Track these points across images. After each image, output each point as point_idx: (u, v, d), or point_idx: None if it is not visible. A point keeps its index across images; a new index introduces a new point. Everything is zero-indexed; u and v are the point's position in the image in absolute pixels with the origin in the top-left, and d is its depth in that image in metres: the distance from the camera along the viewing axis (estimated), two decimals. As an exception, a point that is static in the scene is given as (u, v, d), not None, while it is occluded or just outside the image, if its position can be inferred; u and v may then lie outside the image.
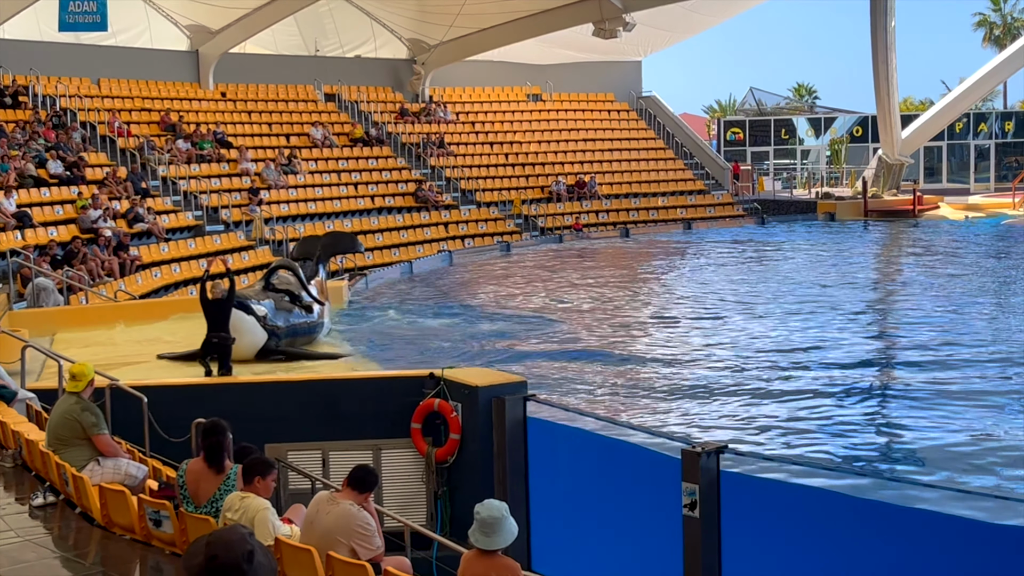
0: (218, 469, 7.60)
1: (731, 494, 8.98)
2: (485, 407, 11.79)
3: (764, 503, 9.49)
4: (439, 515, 12.24)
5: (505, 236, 38.54)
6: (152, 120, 35.80)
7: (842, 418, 14.44)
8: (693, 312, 23.61)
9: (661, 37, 48.81)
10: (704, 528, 9.04)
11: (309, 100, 41.71)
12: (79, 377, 9.09)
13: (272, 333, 16.71)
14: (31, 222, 24.92)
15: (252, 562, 3.35)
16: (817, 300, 24.38)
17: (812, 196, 48.94)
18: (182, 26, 39.07)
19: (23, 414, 11.37)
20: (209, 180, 33.29)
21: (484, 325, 22.23)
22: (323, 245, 21.20)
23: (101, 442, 8.88)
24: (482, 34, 43.14)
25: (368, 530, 7.36)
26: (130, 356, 16.68)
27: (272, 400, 12.91)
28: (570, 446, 11.40)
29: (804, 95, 70.92)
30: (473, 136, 44.52)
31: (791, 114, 60.10)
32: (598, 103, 49.15)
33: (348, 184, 37.38)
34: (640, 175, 45.63)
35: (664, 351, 19.27)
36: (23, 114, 31.98)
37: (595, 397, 15.71)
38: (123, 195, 28.91)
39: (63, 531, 8.23)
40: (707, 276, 29.73)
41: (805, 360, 18.02)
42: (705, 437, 11.79)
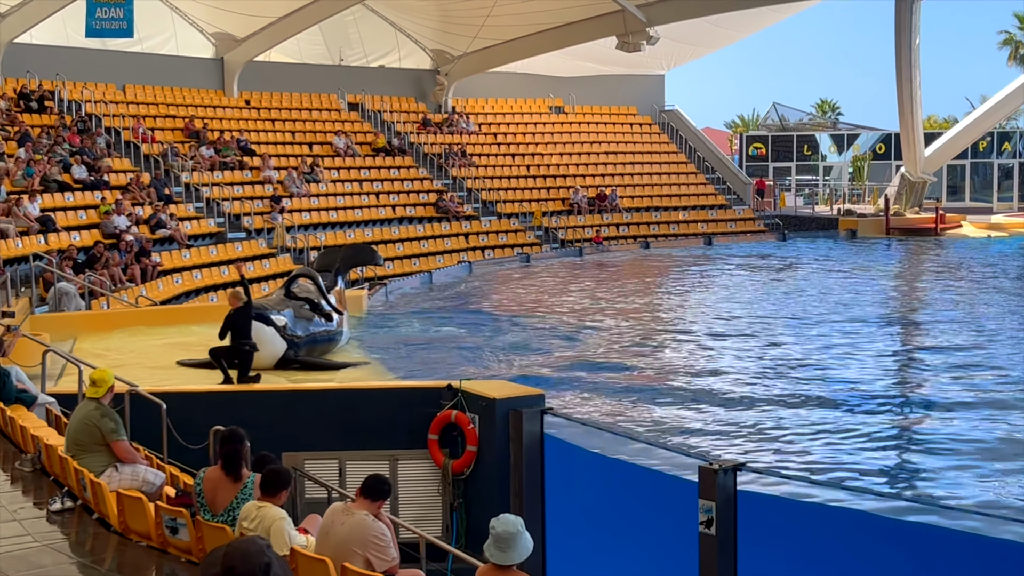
0: (235, 477, 7.62)
1: (748, 512, 8.94)
2: (502, 420, 11.78)
3: (781, 521, 9.44)
4: (455, 527, 12.23)
5: (525, 248, 38.57)
6: (176, 127, 36.00)
7: (862, 437, 14.36)
8: (713, 327, 23.54)
9: (684, 51, 48.81)
10: (720, 546, 9.00)
11: (332, 109, 41.88)
12: (99, 383, 9.13)
13: (291, 343, 16.78)
14: (54, 226, 25.07)
15: (269, 574, 3.37)
16: (839, 317, 24.28)
17: (834, 213, 48.77)
18: (208, 34, 39.30)
19: (43, 418, 11.43)
20: (232, 187, 33.44)
21: (502, 337, 22.23)
22: (343, 257, 21.30)
23: (119, 448, 8.91)
24: (506, 46, 43.25)
25: (383, 541, 7.37)
26: (150, 361, 16.76)
27: (290, 408, 12.94)
28: (586, 461, 11.37)
29: (827, 111, 70.72)
30: (495, 147, 44.59)
31: (814, 130, 59.95)
32: (620, 116, 49.17)
33: (370, 193, 37.48)
34: (661, 189, 45.60)
35: (683, 366, 19.22)
36: (49, 119, 32.21)
37: (613, 411, 15.68)
38: (146, 201, 29.07)
39: (80, 537, 8.25)
40: (728, 291, 29.66)
41: (825, 377, 17.94)
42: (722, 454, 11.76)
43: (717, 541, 8.99)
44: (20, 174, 26.55)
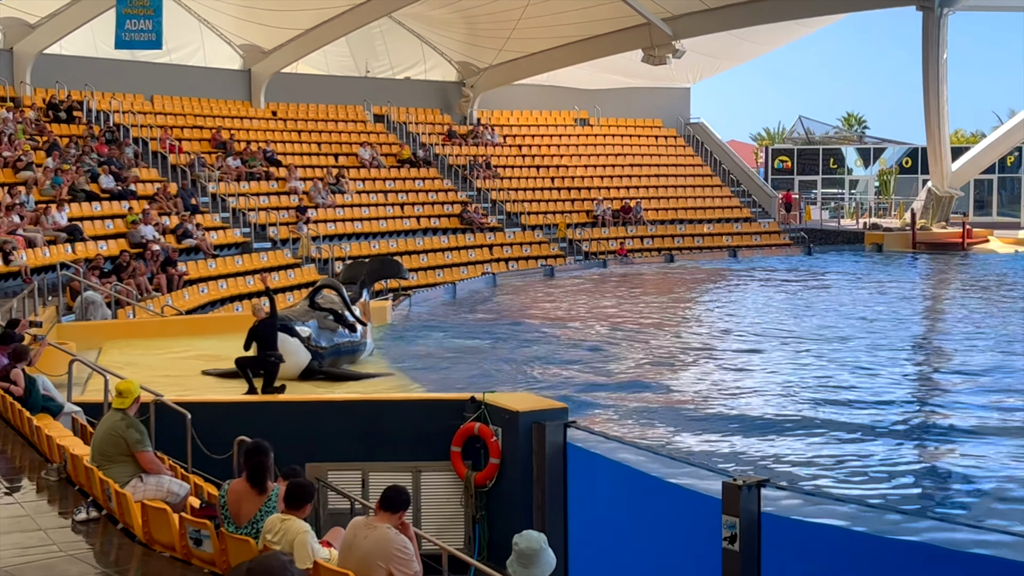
0: (260, 490, 7.64)
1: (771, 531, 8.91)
2: (525, 432, 11.80)
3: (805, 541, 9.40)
4: (477, 539, 12.24)
5: (549, 260, 38.58)
6: (203, 137, 36.21)
7: (887, 455, 14.27)
8: (737, 342, 23.46)
9: (710, 64, 48.79)
10: (744, 562, 8.98)
11: (358, 120, 42.04)
12: (125, 394, 9.18)
13: (316, 354, 16.83)
14: (82, 235, 25.24)
15: None
16: (864, 333, 24.15)
17: (860, 227, 48.55)
18: (235, 45, 39.55)
19: (69, 428, 11.51)
20: (258, 198, 33.60)
21: (526, 349, 22.22)
22: (369, 270, 21.38)
23: (145, 459, 8.96)
24: (531, 58, 43.36)
25: (406, 554, 7.37)
26: (175, 371, 16.84)
27: (314, 419, 12.99)
28: (609, 475, 11.35)
29: (854, 125, 70.43)
30: (520, 159, 44.65)
31: (840, 143, 59.75)
32: (646, 129, 49.17)
33: (394, 204, 37.58)
34: (686, 201, 45.55)
35: (708, 381, 19.17)
36: (77, 129, 32.47)
37: (636, 425, 15.65)
38: (173, 211, 29.24)
39: (105, 547, 8.29)
40: (753, 305, 29.57)
41: (850, 394, 17.85)
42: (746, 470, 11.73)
43: (740, 557, 8.96)
44: (48, 183, 26.76)
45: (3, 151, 27.83)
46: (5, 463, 10.59)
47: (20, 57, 33.64)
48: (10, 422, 11.68)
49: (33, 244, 23.62)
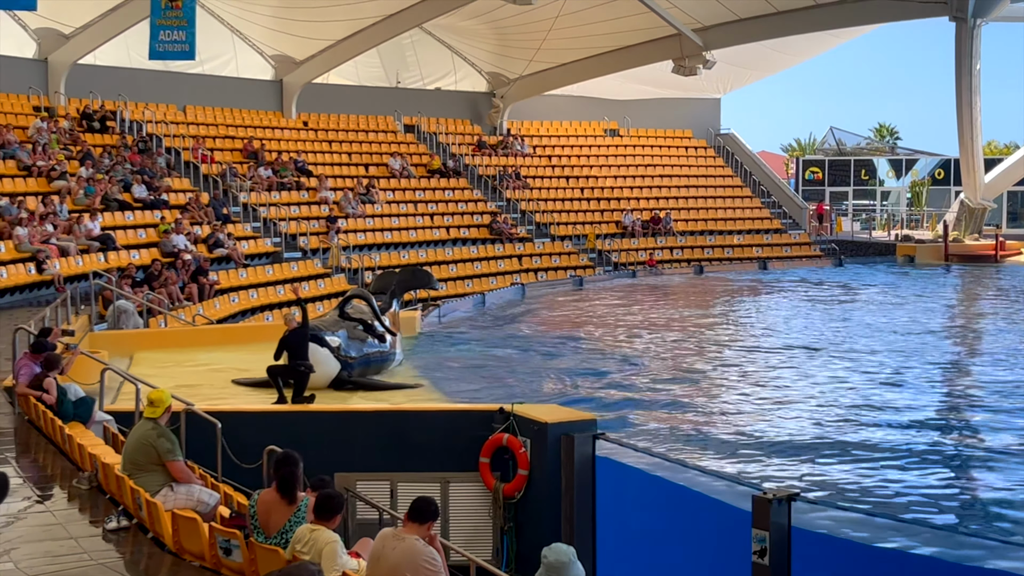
0: (290, 500, 7.66)
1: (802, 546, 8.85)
2: (554, 444, 11.77)
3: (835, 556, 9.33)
4: (505, 551, 12.22)
5: (578, 270, 38.54)
6: (235, 147, 36.42)
7: (919, 471, 14.16)
8: (767, 354, 23.36)
9: (741, 75, 48.66)
10: None
11: (389, 131, 42.17)
12: (157, 403, 9.22)
13: (345, 364, 16.88)
14: (114, 244, 25.42)
15: None
16: (897, 347, 23.98)
17: (891, 238, 48.29)
18: (267, 56, 39.78)
19: (100, 436, 11.57)
20: (288, 207, 33.75)
21: (554, 360, 22.21)
22: (399, 280, 21.41)
23: (175, 468, 8.99)
24: (561, 69, 43.38)
25: (435, 565, 7.36)
26: (205, 380, 16.91)
27: (343, 429, 13.02)
28: (638, 487, 11.31)
29: (885, 136, 70.05)
30: (549, 170, 44.66)
31: (872, 155, 59.42)
32: (676, 139, 49.08)
33: (424, 214, 37.66)
34: (716, 212, 45.42)
35: (737, 393, 19.09)
36: (110, 138, 32.74)
37: (665, 437, 15.60)
38: (204, 220, 29.41)
39: (135, 556, 8.33)
40: (783, 318, 29.43)
41: (883, 409, 17.72)
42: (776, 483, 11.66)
43: (770, 571, 8.90)
44: (81, 193, 26.98)
45: (37, 160, 28.10)
46: (37, 471, 10.66)
47: (55, 67, 33.96)
48: (42, 430, 11.77)
49: (66, 253, 23.83)
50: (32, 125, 30.52)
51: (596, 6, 38.20)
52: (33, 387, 12.18)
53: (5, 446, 11.39)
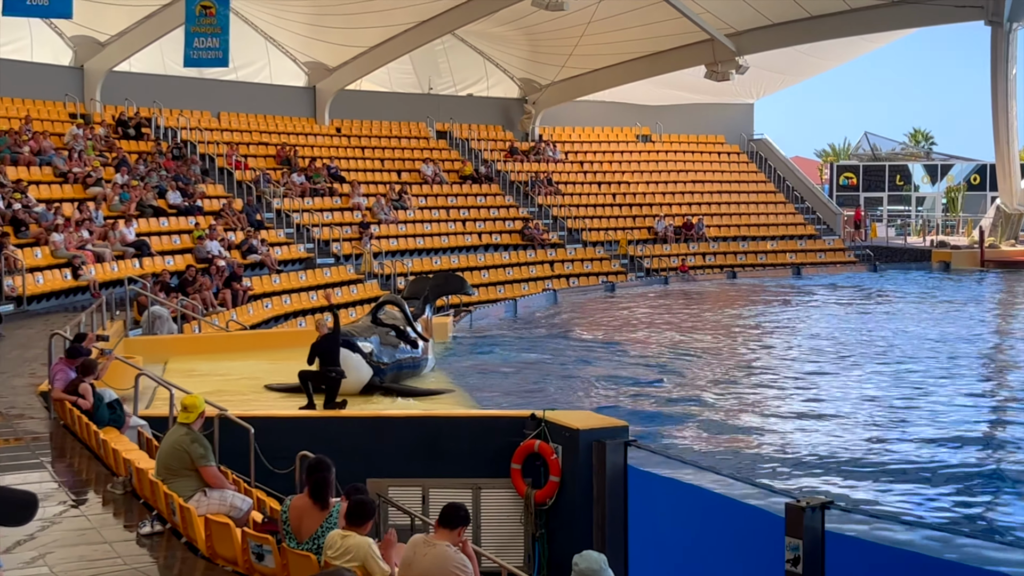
0: (322, 505, 7.68)
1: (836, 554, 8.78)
2: (586, 450, 11.75)
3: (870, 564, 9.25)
4: (536, 558, 12.21)
5: (610, 276, 38.48)
6: (269, 154, 36.63)
7: (955, 479, 14.04)
8: (802, 362, 23.22)
9: (774, 80, 48.46)
10: (807, 585, 8.85)
11: (421, 137, 42.29)
12: (190, 409, 9.28)
13: (378, 369, 16.93)
14: (149, 251, 25.61)
15: None
16: (933, 354, 23.77)
17: (927, 244, 47.92)
18: (301, 63, 39.99)
19: (134, 441, 11.65)
20: (321, 214, 33.91)
21: (587, 366, 22.17)
22: (433, 285, 21.46)
23: (208, 473, 9.04)
24: (593, 75, 43.37)
25: (465, 571, 7.37)
26: (238, 385, 17.00)
27: (375, 435, 13.05)
28: (670, 494, 11.27)
29: (920, 141, 69.55)
30: (581, 176, 44.63)
31: (906, 160, 59.02)
32: (708, 145, 48.92)
33: (456, 220, 37.73)
34: (749, 218, 45.22)
35: (771, 400, 18.99)
36: (145, 145, 33.00)
37: (697, 444, 15.54)
38: (238, 226, 29.58)
39: (168, 560, 8.38)
40: (818, 323, 29.24)
41: (917, 417, 17.58)
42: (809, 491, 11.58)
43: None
44: (117, 199, 27.20)
45: (73, 167, 28.36)
46: (72, 476, 10.75)
47: (90, 74, 34.28)
48: (77, 435, 11.86)
49: (101, 259, 24.02)
50: (68, 132, 30.82)
51: (628, 11, 38.16)
52: (69, 392, 12.29)
53: (41, 450, 11.49)
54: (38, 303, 21.95)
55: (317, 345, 15.70)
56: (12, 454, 11.26)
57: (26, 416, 13.00)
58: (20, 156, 27.56)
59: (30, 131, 29.31)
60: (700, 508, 10.81)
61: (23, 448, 11.55)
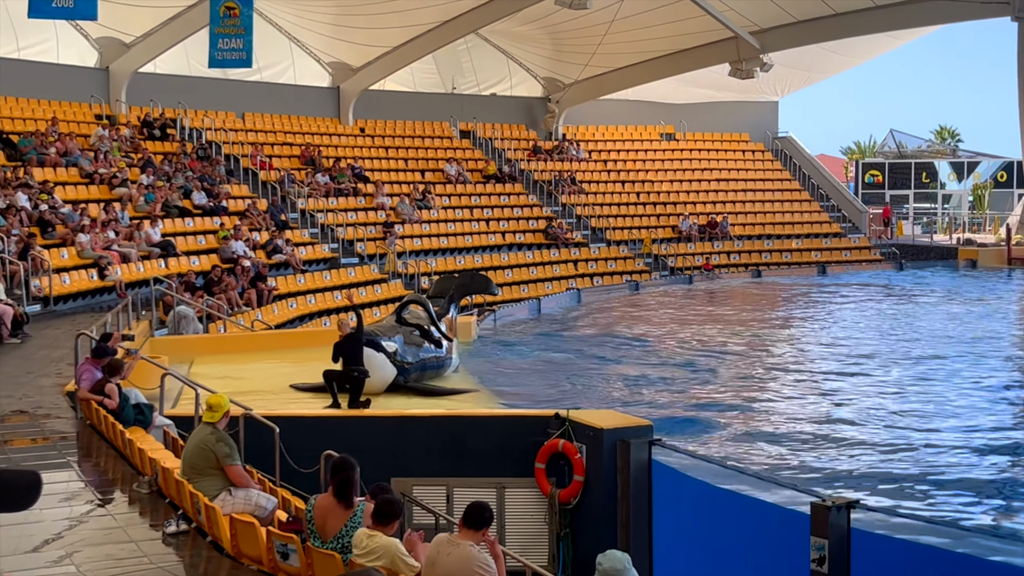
0: (347, 505, 7.69)
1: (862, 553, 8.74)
2: (610, 450, 11.73)
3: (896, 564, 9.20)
4: (561, 557, 12.19)
5: (634, 275, 38.40)
6: (293, 154, 36.75)
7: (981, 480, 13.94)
8: (828, 361, 23.11)
9: (799, 77, 48.25)
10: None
11: (444, 136, 42.34)
12: (215, 408, 9.31)
13: (402, 369, 16.96)
14: (175, 251, 25.74)
15: None
16: (961, 353, 23.61)
17: (953, 242, 47.61)
18: (324, 63, 40.10)
19: (160, 441, 11.71)
20: (345, 213, 33.99)
21: (611, 366, 22.13)
22: (458, 285, 21.47)
23: (233, 473, 9.07)
24: (617, 73, 43.30)
25: (489, 571, 7.36)
26: (264, 385, 17.05)
27: (399, 434, 13.06)
28: (695, 494, 11.23)
29: (947, 138, 69.13)
30: (605, 174, 44.57)
31: (932, 157, 58.64)
32: (732, 143, 48.75)
33: (480, 220, 37.75)
34: (774, 216, 45.04)
35: (796, 399, 18.91)
36: (171, 146, 33.17)
37: (722, 443, 15.48)
38: (263, 227, 29.69)
39: (194, 560, 8.41)
40: (844, 322, 29.10)
41: (944, 417, 17.47)
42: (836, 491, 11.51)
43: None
44: (142, 200, 27.35)
45: (99, 168, 28.53)
46: (98, 475, 10.81)
47: (116, 76, 34.47)
48: (103, 435, 11.93)
49: (127, 259, 24.16)
50: (94, 133, 31.01)
51: (652, 10, 38.07)
52: (95, 392, 12.36)
53: (67, 450, 11.57)
54: (64, 303, 22.09)
55: (340, 345, 15.76)
56: (39, 454, 11.33)
57: (53, 416, 13.09)
58: (46, 157, 27.75)
59: (56, 132, 29.51)
60: (725, 507, 10.78)
61: (50, 448, 11.63)
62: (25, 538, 8.52)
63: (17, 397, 14.06)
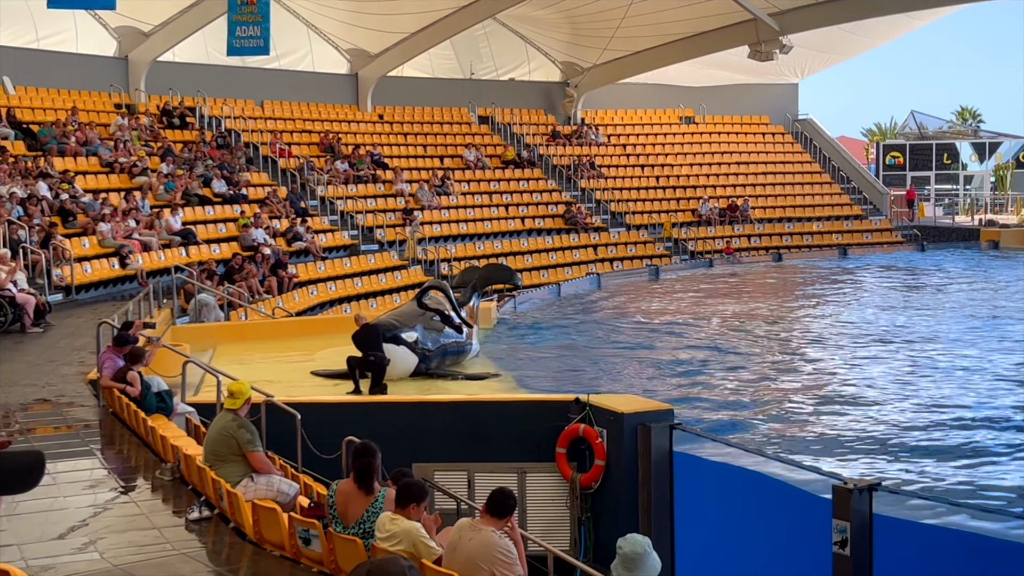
0: (367, 490, 7.71)
1: (883, 534, 8.71)
2: (631, 434, 11.70)
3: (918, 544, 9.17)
4: (582, 541, 12.20)
5: (654, 260, 38.32)
6: (312, 141, 36.77)
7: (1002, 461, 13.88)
8: (849, 344, 23.03)
9: (819, 59, 47.97)
10: (855, 567, 8.79)
11: (463, 122, 42.29)
12: (237, 395, 9.34)
13: (423, 356, 17.08)
14: (195, 239, 25.81)
15: None
16: (983, 335, 23.50)
17: (975, 223, 47.33)
18: (343, 50, 40.09)
19: (182, 428, 11.76)
20: (365, 200, 34.02)
21: (631, 350, 22.11)
22: (481, 275, 21.57)
23: (255, 459, 9.10)
24: (636, 57, 43.12)
25: (510, 557, 7.37)
26: (285, 372, 17.11)
27: (420, 420, 13.08)
28: (717, 478, 11.21)
29: (968, 119, 68.64)
30: (624, 159, 44.45)
31: (954, 138, 58.25)
32: (752, 126, 48.53)
33: (499, 205, 37.71)
34: (794, 199, 44.85)
35: (817, 383, 18.85)
36: (190, 134, 33.23)
37: (744, 427, 15.45)
38: (283, 214, 29.73)
39: (216, 546, 8.45)
40: (866, 306, 28.98)
41: (966, 399, 17.39)
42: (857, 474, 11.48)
43: (851, 562, 8.78)
44: (162, 188, 27.43)
45: (119, 157, 28.62)
46: (121, 463, 10.87)
47: (135, 65, 34.55)
48: (126, 422, 11.99)
49: (148, 248, 24.25)
50: (113, 122, 31.10)
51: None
52: (117, 380, 12.41)
53: (90, 438, 11.63)
54: (86, 292, 22.20)
55: (356, 336, 15.94)
56: (62, 441, 11.40)
57: (76, 404, 13.16)
58: (66, 147, 27.86)
59: (76, 122, 29.62)
60: (746, 491, 10.76)
61: (73, 436, 11.69)
62: (49, 525, 8.58)
63: (40, 386, 14.14)
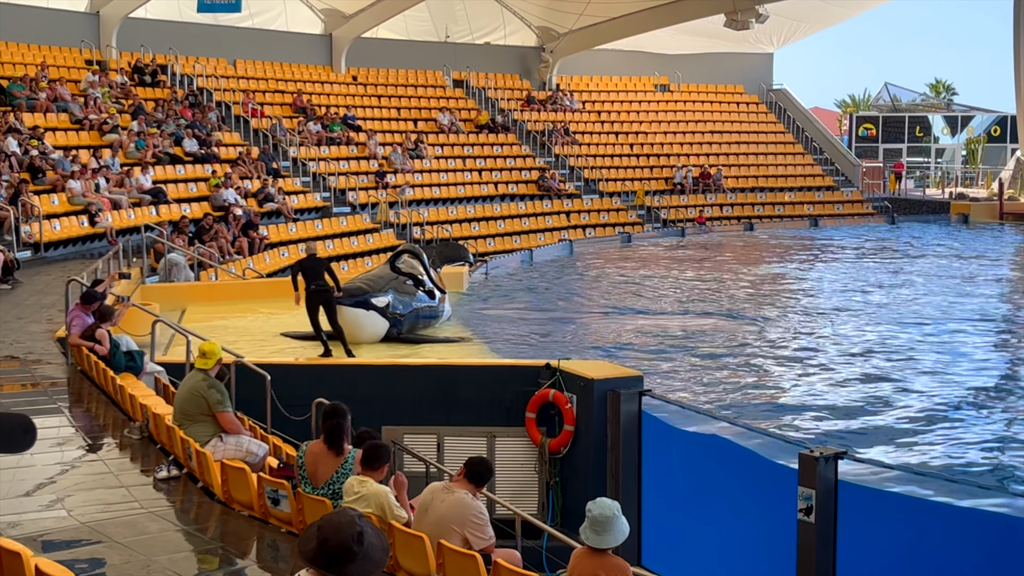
0: (337, 452, 7.72)
1: (848, 502, 8.81)
2: (600, 400, 11.77)
3: (881, 512, 9.28)
4: (551, 505, 12.28)
5: (627, 227, 38.38)
6: (285, 102, 36.51)
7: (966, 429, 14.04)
8: (820, 314, 23.18)
9: (794, 28, 48.00)
10: (819, 533, 8.89)
11: (437, 86, 42.09)
12: (208, 355, 9.31)
13: (394, 321, 17.07)
14: (166, 198, 25.63)
15: (363, 543, 3.46)
16: (948, 306, 23.73)
17: (946, 196, 47.62)
18: (317, 10, 39.75)
19: (151, 387, 11.72)
20: (337, 162, 33.85)
21: (602, 317, 22.18)
22: (437, 252, 21.82)
23: (225, 419, 9.09)
24: (612, 23, 42.97)
25: (482, 519, 7.43)
26: (255, 333, 17.08)
27: (391, 383, 13.09)
28: (684, 444, 11.30)
29: (941, 92, 68.88)
30: (599, 126, 44.40)
31: (927, 111, 58.50)
32: (727, 95, 48.55)
33: (472, 170, 37.63)
34: (767, 169, 44.97)
35: (787, 352, 18.98)
36: (161, 92, 32.91)
37: (712, 395, 15.56)
38: (254, 175, 29.56)
39: (185, 505, 8.45)
40: (835, 275, 29.17)
41: (931, 368, 17.57)
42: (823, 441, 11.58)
43: (816, 529, 8.88)
44: (133, 146, 27.19)
45: (89, 114, 28.34)
46: (89, 421, 10.83)
47: (106, 21, 34.13)
48: (94, 381, 11.93)
49: (118, 206, 24.07)
50: (84, 79, 30.76)
51: (647, -41, 37.75)
52: (86, 338, 12.33)
53: (58, 396, 11.57)
54: (55, 250, 22.03)
55: (300, 264, 16.12)
56: (30, 399, 11.34)
57: (43, 362, 13.09)
58: (36, 103, 27.54)
59: (46, 77, 29.27)
60: (713, 457, 10.85)
61: (41, 393, 11.63)
62: (17, 482, 8.55)
63: (8, 343, 14.05)
